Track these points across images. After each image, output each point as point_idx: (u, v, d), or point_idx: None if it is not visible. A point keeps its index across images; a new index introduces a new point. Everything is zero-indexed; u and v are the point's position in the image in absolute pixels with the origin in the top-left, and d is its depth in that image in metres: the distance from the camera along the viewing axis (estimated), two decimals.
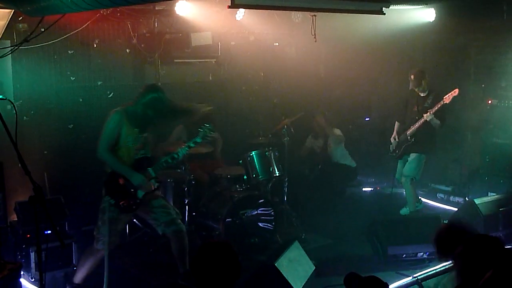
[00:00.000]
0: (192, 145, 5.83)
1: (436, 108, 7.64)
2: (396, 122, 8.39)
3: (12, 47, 6.38)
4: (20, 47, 6.33)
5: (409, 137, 8.03)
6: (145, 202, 5.51)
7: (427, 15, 8.83)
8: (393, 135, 8.32)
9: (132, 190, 5.40)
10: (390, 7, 7.29)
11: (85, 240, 6.48)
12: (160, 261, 6.74)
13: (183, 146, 5.80)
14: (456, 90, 7.55)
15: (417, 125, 7.89)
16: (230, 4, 5.84)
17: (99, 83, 7.86)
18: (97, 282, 5.51)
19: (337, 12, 6.85)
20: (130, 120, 5.36)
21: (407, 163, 8.17)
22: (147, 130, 5.53)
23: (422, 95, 7.97)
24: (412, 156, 8.11)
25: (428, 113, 7.68)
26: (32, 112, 7.27)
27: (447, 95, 7.58)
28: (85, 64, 7.70)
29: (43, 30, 6.36)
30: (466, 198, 8.65)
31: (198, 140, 5.83)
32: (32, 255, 5.89)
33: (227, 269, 3.23)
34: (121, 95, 7.89)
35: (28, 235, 6.06)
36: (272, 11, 8.41)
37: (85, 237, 6.67)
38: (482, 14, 8.34)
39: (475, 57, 8.96)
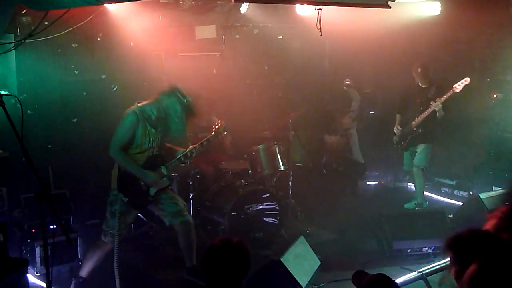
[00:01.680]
0: (205, 143, 5.80)
1: (445, 97, 7.62)
2: (397, 115, 8.39)
3: (16, 42, 6.35)
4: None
5: (415, 128, 8.03)
6: (155, 197, 5.51)
7: (432, 8, 8.81)
8: (396, 128, 8.30)
9: (145, 187, 5.40)
10: (396, 1, 7.26)
11: (90, 234, 6.52)
12: (165, 255, 6.76)
13: (196, 145, 5.76)
14: (468, 79, 7.54)
15: (424, 115, 7.88)
16: None
17: (103, 76, 7.83)
18: (103, 275, 5.53)
19: (343, 6, 6.81)
20: (147, 121, 5.31)
21: (417, 153, 8.17)
22: (164, 130, 5.47)
23: (423, 87, 7.98)
24: (421, 146, 8.13)
25: (437, 102, 7.66)
26: (36, 106, 7.24)
27: (457, 84, 7.55)
28: (89, 57, 7.65)
29: (46, 24, 6.33)
30: (471, 192, 8.65)
31: (212, 138, 5.84)
32: (38, 249, 5.92)
33: (239, 269, 3.24)
34: (125, 89, 7.87)
35: (34, 230, 6.06)
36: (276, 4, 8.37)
37: (90, 231, 6.71)
38: (487, 7, 8.29)
39: (480, 51, 8.94)
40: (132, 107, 5.31)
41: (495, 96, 8.26)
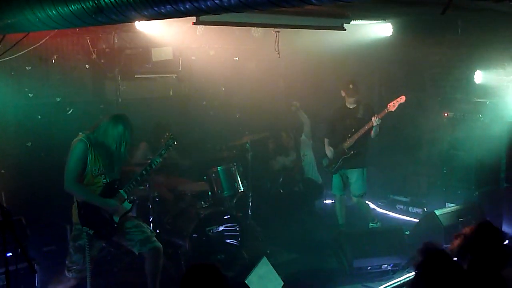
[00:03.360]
0: (157, 160, 5.72)
1: (383, 114, 7.39)
2: (325, 139, 8.11)
3: None
4: None
5: (346, 150, 7.74)
6: (120, 226, 5.41)
7: (384, 30, 9.04)
8: (327, 150, 7.99)
9: (108, 216, 5.30)
10: (350, 23, 7.45)
11: (47, 261, 6.35)
12: (125, 280, 6.62)
13: (148, 162, 5.70)
14: (403, 97, 7.39)
15: (356, 136, 7.61)
16: (195, 21, 5.84)
17: (58, 99, 7.69)
18: None
19: (300, 29, 6.95)
20: (95, 148, 5.22)
21: (352, 183, 7.93)
22: (113, 156, 5.38)
23: (350, 107, 7.80)
24: (354, 174, 7.88)
25: (376, 118, 7.36)
26: None
27: (391, 102, 7.40)
28: (43, 80, 7.52)
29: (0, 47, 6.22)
30: (425, 209, 8.85)
31: (163, 152, 5.78)
32: None
33: None
34: (81, 112, 7.75)
35: None
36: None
37: (47, 258, 6.53)
38: (437, 29, 8.59)
39: (431, 70, 9.21)
40: (78, 136, 5.23)
41: (446, 114, 8.49)
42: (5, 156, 7.21)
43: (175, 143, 5.97)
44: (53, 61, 7.56)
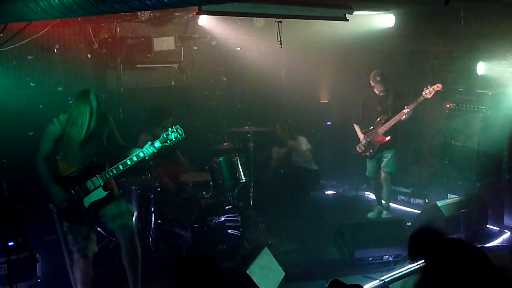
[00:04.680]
0: (149, 150, 5.20)
1: (416, 103, 7.71)
2: (355, 124, 8.40)
3: None
4: None
5: (383, 135, 8.07)
6: (94, 211, 5.31)
7: (387, 21, 9.00)
8: (361, 137, 8.25)
9: (77, 198, 5.23)
10: (353, 13, 7.42)
11: (48, 250, 6.36)
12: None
13: (137, 152, 5.26)
14: (439, 85, 7.63)
15: (391, 122, 7.93)
16: (197, 11, 5.83)
17: (59, 89, 7.68)
18: None
19: (303, 19, 6.91)
20: (69, 128, 5.13)
21: (386, 159, 8.26)
22: (91, 137, 5.20)
23: (381, 95, 8.10)
24: (389, 153, 8.24)
25: (407, 109, 7.72)
26: None
27: (427, 90, 7.64)
28: (45, 69, 7.51)
29: (1, 35, 6.20)
30: (426, 200, 8.84)
31: (157, 144, 5.21)
32: None
33: (215, 282, 3.22)
34: None
35: None
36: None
37: (48, 248, 6.55)
38: (440, 20, 8.56)
39: (433, 61, 9.17)
40: (53, 118, 5.20)
41: (448, 105, 8.47)
42: (7, 145, 7.21)
43: (178, 136, 5.28)
44: (55, 51, 7.55)
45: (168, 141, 5.24)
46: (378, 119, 8.11)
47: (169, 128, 5.28)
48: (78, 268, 5.40)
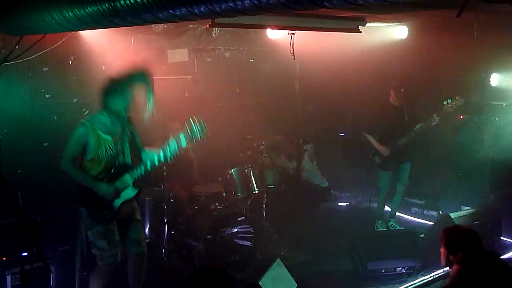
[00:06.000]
0: (173, 145, 5.36)
1: (441, 115, 7.66)
2: (369, 135, 8.19)
3: None
4: None
5: (402, 147, 7.96)
6: (124, 215, 5.40)
7: (400, 32, 9.01)
8: (382, 148, 8.05)
9: (108, 200, 5.27)
10: (365, 25, 7.45)
11: (61, 260, 6.41)
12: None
13: (163, 147, 5.39)
14: (461, 100, 7.57)
15: (412, 134, 7.84)
16: (210, 23, 5.88)
17: (74, 100, 7.73)
18: None
19: (316, 31, 6.95)
20: (100, 129, 5.20)
21: (403, 172, 8.22)
22: (123, 134, 5.33)
23: (396, 105, 7.99)
24: (406, 165, 8.21)
25: (434, 119, 7.65)
26: (6, 130, 7.11)
27: (449, 103, 7.58)
28: (60, 81, 7.56)
29: (17, 47, 6.29)
30: (440, 212, 8.79)
31: (182, 137, 5.36)
32: (9, 278, 5.78)
33: None
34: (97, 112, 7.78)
35: (4, 258, 5.93)
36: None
37: (61, 258, 6.59)
38: (453, 31, 8.52)
39: (446, 73, 9.13)
40: (82, 120, 5.26)
41: (461, 117, 8.44)
42: (22, 156, 7.27)
43: (200, 134, 5.42)
44: (70, 63, 7.62)
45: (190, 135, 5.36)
46: (396, 131, 7.97)
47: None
48: (100, 276, 5.40)
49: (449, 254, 4.01)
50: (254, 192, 7.52)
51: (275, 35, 8.71)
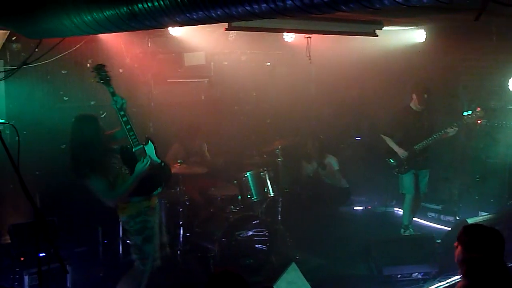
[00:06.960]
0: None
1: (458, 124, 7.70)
2: (387, 137, 8.16)
3: (8, 71, 6.37)
4: (11, 67, 6.32)
5: (419, 152, 7.92)
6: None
7: (417, 36, 8.95)
8: (400, 150, 7.99)
9: (149, 171, 5.30)
10: (382, 29, 7.42)
11: (78, 262, 6.46)
12: (157, 282, 6.67)
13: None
14: (481, 111, 7.59)
15: (432, 139, 7.83)
16: (227, 27, 5.90)
17: (92, 103, 7.81)
18: None
19: (332, 34, 6.94)
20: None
21: (423, 179, 8.15)
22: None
23: (417, 110, 7.96)
24: (425, 172, 8.15)
25: (452, 129, 7.70)
26: (25, 132, 7.17)
27: (469, 114, 7.61)
28: (78, 84, 7.67)
29: (36, 50, 6.36)
30: (457, 217, 8.72)
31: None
32: (27, 278, 5.83)
33: None
34: (114, 115, 7.81)
35: (22, 258, 5.99)
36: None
37: (78, 259, 6.65)
38: (471, 35, 8.45)
39: (464, 77, 9.08)
40: None
41: (479, 122, 8.36)
42: (40, 158, 7.35)
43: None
44: (88, 65, 7.68)
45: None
46: (416, 135, 7.94)
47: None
48: (135, 279, 5.43)
49: (464, 252, 3.90)
50: (269, 196, 7.51)
51: (292, 39, 8.72)
